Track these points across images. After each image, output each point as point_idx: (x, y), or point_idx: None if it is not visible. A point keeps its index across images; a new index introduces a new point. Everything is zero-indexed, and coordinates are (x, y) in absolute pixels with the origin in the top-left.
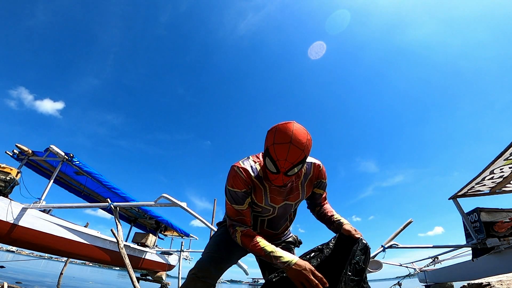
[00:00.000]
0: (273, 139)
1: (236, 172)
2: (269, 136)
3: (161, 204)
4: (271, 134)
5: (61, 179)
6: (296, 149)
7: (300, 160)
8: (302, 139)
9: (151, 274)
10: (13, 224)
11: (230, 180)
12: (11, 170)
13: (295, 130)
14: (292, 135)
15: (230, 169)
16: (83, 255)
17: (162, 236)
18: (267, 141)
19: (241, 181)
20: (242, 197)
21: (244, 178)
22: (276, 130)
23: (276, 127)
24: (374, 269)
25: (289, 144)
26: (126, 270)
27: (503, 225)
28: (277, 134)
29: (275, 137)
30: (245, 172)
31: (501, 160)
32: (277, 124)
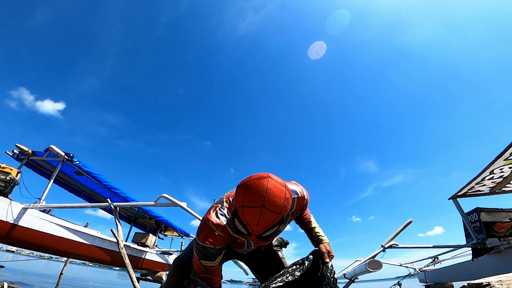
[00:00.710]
0: (241, 201)
1: (211, 228)
2: (238, 195)
3: (161, 204)
4: (240, 194)
5: (61, 179)
6: (269, 213)
7: (276, 223)
8: (277, 201)
9: (151, 274)
10: (13, 224)
11: (202, 235)
12: (11, 170)
13: (268, 190)
14: (265, 197)
15: (202, 222)
16: (83, 255)
17: (162, 236)
18: (235, 201)
19: (217, 239)
20: (215, 253)
21: (221, 236)
22: (246, 189)
23: (246, 184)
24: (374, 269)
25: (261, 208)
26: (126, 270)
27: (503, 225)
28: (247, 195)
29: (245, 199)
30: (222, 231)
31: (501, 160)
32: (248, 181)
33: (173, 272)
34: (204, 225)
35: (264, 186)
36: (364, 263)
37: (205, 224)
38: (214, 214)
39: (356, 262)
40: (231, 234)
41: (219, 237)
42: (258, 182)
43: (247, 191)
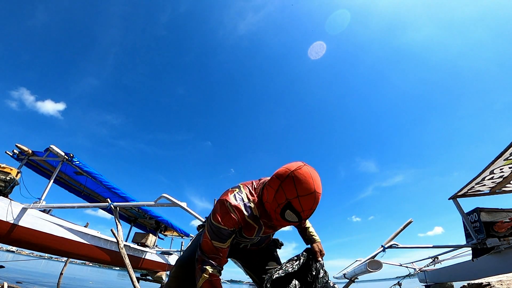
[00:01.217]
0: (295, 192)
1: (228, 210)
2: (287, 186)
3: (161, 204)
4: (290, 185)
5: (61, 179)
6: (319, 196)
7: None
8: (320, 184)
9: (151, 274)
10: (13, 224)
11: (218, 215)
12: (11, 170)
13: (313, 176)
14: (314, 184)
15: (219, 203)
16: (83, 255)
17: (162, 236)
18: (286, 194)
19: (232, 221)
20: (227, 235)
21: (236, 219)
22: (296, 180)
23: (293, 175)
24: (374, 269)
25: (314, 193)
26: (126, 270)
27: (503, 225)
28: (299, 186)
29: (298, 189)
30: (239, 213)
31: (501, 160)
32: (292, 172)
33: (175, 273)
34: (221, 205)
35: (309, 173)
36: (364, 263)
37: (222, 204)
38: (232, 196)
39: (356, 262)
40: (245, 218)
41: (234, 219)
42: (303, 171)
43: (298, 182)
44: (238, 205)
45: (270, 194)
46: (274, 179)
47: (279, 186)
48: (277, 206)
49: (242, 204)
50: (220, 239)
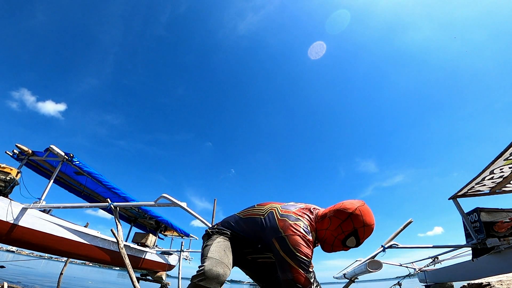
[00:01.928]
0: (362, 222)
1: (308, 244)
2: (356, 219)
3: (161, 204)
4: (358, 218)
5: (61, 179)
6: (373, 229)
7: None
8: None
9: (151, 274)
10: (13, 224)
11: (304, 251)
12: (11, 170)
13: (371, 212)
14: (373, 217)
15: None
16: (83, 255)
17: (162, 236)
18: (354, 223)
19: (311, 253)
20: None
21: (312, 250)
22: (363, 213)
23: (360, 211)
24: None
25: (373, 226)
26: (126, 270)
27: (503, 225)
28: (365, 218)
29: (364, 221)
30: (312, 245)
31: (501, 160)
32: (358, 207)
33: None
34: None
35: (370, 210)
36: (364, 263)
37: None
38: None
39: (356, 262)
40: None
41: (312, 251)
42: (367, 207)
43: (365, 214)
44: (311, 240)
45: (335, 223)
46: (342, 211)
47: (348, 217)
48: (341, 233)
49: (311, 236)
50: (310, 271)
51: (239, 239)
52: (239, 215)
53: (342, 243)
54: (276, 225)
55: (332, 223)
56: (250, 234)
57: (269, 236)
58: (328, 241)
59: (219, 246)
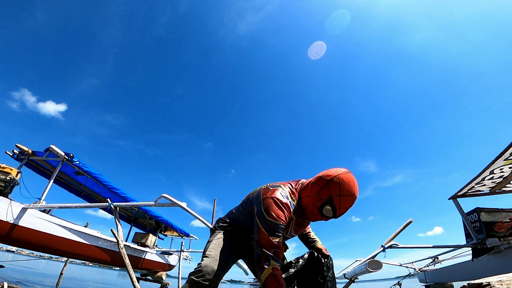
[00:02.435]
0: (339, 191)
1: (280, 208)
2: (333, 186)
3: (161, 204)
4: (335, 185)
5: (61, 179)
6: (355, 200)
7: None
8: (358, 191)
9: (151, 274)
10: (13, 224)
11: (273, 212)
12: (11, 170)
13: (355, 182)
14: (355, 187)
15: (269, 200)
16: (83, 255)
17: (162, 236)
18: (330, 191)
19: (285, 217)
20: (282, 230)
21: (288, 215)
22: (341, 182)
23: (339, 178)
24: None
25: (353, 196)
26: (126, 270)
27: (503, 225)
28: (343, 187)
29: (342, 190)
30: (287, 209)
31: (501, 160)
32: (338, 175)
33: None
34: (273, 203)
35: (353, 179)
36: (364, 263)
37: (274, 202)
38: (279, 194)
39: (356, 262)
40: (291, 215)
41: (287, 215)
42: (348, 176)
43: (343, 183)
44: (287, 203)
45: (314, 190)
46: (322, 178)
47: (325, 184)
48: (318, 201)
49: (289, 202)
50: (277, 234)
51: (240, 228)
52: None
53: (319, 211)
54: (259, 194)
55: (312, 189)
56: (247, 216)
57: (254, 205)
58: (308, 208)
59: (217, 244)
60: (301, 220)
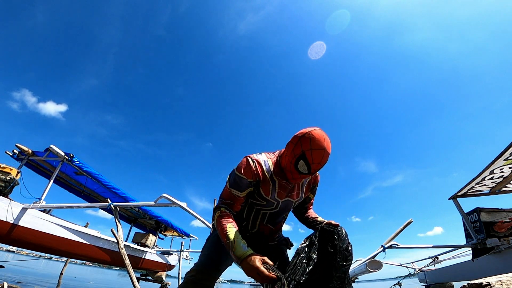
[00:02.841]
0: (309, 145)
1: (249, 162)
2: (304, 142)
3: (161, 204)
4: (306, 140)
5: (61, 179)
6: (327, 154)
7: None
8: (330, 145)
9: (151, 274)
10: (13, 224)
11: (240, 167)
12: (11, 170)
13: (326, 137)
14: (325, 142)
15: (243, 159)
16: (83, 255)
17: (162, 236)
18: (302, 146)
19: (251, 171)
20: (245, 185)
21: (254, 169)
22: (311, 137)
23: (309, 134)
24: (374, 269)
25: (324, 150)
26: (126, 270)
27: (503, 225)
28: (313, 141)
29: (312, 144)
30: (259, 165)
31: (501, 160)
32: (309, 131)
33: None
34: (244, 159)
35: (323, 134)
36: (364, 263)
37: (245, 158)
38: (254, 154)
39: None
40: (264, 172)
41: (253, 170)
42: (318, 131)
43: (313, 138)
44: (259, 160)
45: (289, 148)
46: (295, 136)
47: (298, 141)
48: (293, 158)
49: (262, 160)
50: (239, 187)
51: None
52: None
53: (295, 168)
54: None
55: (288, 148)
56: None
57: None
58: (286, 168)
59: (214, 242)
60: (284, 183)
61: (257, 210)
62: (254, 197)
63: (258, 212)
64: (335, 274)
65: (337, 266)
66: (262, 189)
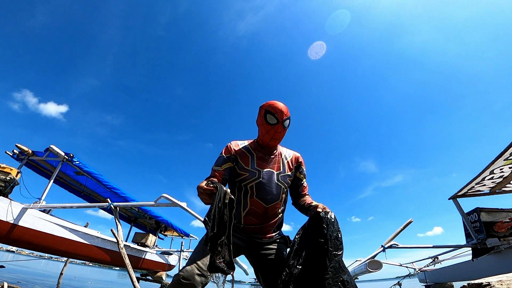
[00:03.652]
0: (268, 103)
1: (227, 144)
2: (263, 104)
3: (161, 204)
4: (265, 104)
5: (61, 179)
6: (285, 106)
7: (289, 115)
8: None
9: (151, 274)
10: (13, 224)
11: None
12: (11, 170)
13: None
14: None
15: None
16: (83, 255)
17: (162, 236)
18: (264, 107)
19: (227, 148)
20: (223, 160)
21: (230, 147)
22: (267, 101)
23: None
24: (374, 269)
25: (279, 102)
26: (126, 270)
27: (503, 225)
28: (269, 101)
29: (269, 102)
30: (234, 143)
31: (501, 160)
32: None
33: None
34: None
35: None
36: (364, 263)
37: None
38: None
39: (356, 262)
40: (240, 148)
41: (229, 147)
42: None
43: (268, 101)
44: (235, 141)
45: (258, 118)
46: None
47: (260, 108)
48: (262, 118)
49: (239, 141)
50: (217, 163)
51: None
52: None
53: (267, 123)
54: None
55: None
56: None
57: None
58: (262, 131)
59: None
60: (262, 155)
61: (245, 186)
62: (237, 172)
63: (246, 187)
64: (328, 265)
65: (330, 256)
66: (242, 162)
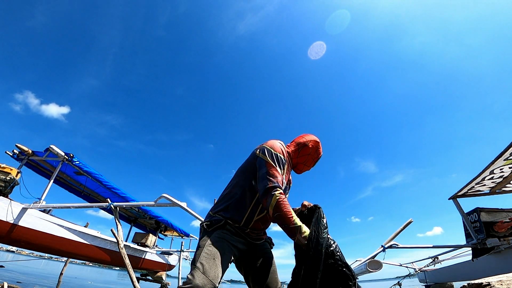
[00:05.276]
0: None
1: (281, 145)
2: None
3: (161, 204)
4: (315, 139)
5: (61, 179)
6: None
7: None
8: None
9: (151, 274)
10: (13, 224)
11: (277, 148)
12: (11, 170)
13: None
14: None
15: (270, 141)
16: (83, 255)
17: (162, 236)
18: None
19: (285, 153)
20: (284, 164)
21: (286, 152)
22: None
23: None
24: (374, 269)
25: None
26: (126, 270)
27: (503, 225)
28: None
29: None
30: (284, 145)
31: (501, 160)
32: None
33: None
34: (274, 142)
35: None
36: (364, 263)
37: (275, 141)
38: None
39: (356, 262)
40: (286, 155)
41: (286, 152)
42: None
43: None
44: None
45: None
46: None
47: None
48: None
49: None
50: (281, 167)
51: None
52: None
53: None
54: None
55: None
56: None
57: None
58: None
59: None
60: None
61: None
62: None
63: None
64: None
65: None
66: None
